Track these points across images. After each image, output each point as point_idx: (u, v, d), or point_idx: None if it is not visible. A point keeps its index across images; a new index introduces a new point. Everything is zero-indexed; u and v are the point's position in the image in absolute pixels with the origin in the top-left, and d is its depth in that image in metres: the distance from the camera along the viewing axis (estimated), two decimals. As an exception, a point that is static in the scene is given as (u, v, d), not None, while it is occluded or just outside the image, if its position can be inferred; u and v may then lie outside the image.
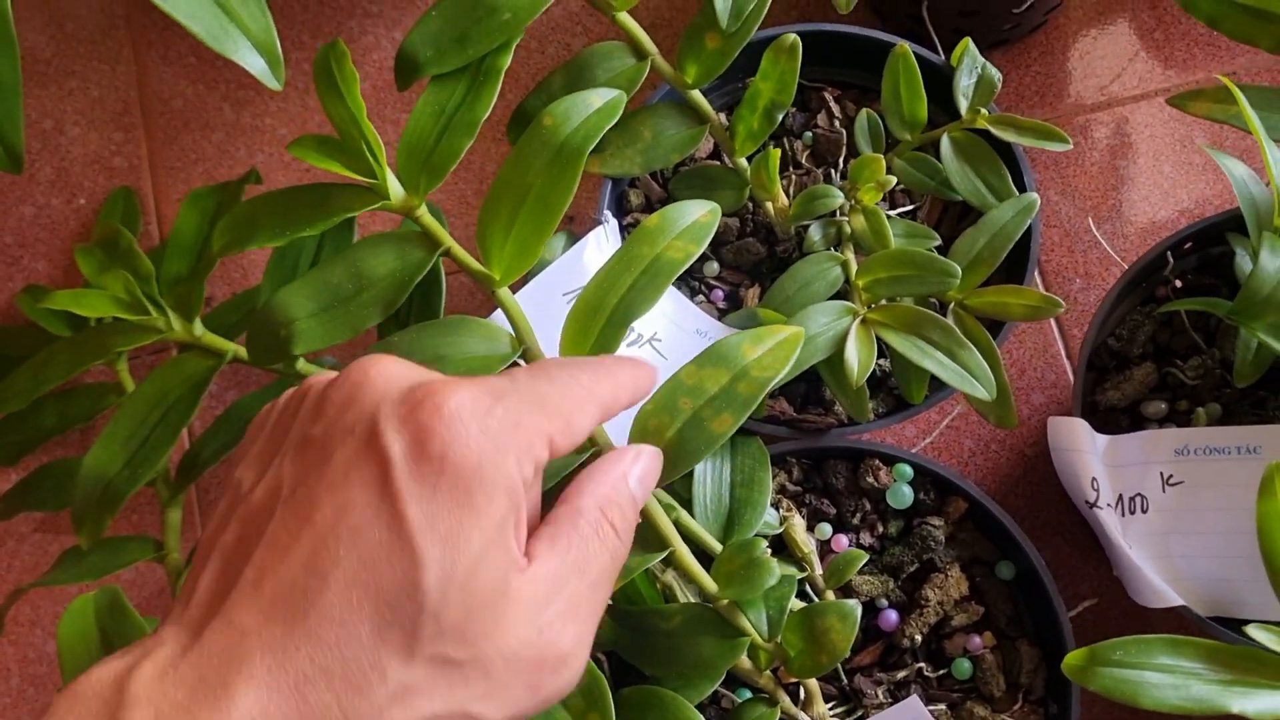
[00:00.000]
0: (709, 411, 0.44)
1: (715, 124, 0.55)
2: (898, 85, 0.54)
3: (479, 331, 0.49)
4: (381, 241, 0.50)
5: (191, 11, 0.45)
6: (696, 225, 0.46)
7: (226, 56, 0.45)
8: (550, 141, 0.47)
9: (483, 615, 0.32)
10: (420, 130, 0.49)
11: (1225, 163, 0.51)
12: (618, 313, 0.45)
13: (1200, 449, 0.51)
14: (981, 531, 0.53)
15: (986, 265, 0.51)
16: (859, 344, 0.50)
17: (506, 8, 0.52)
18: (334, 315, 0.49)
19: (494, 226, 0.48)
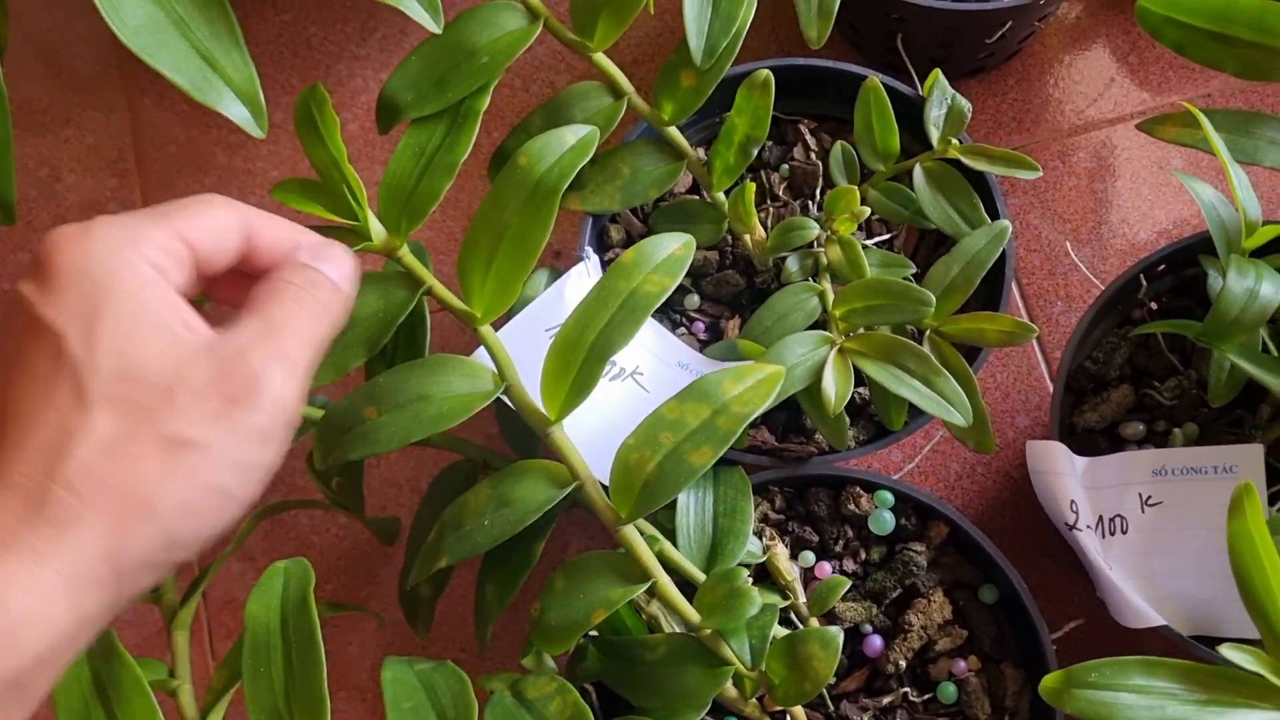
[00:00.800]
0: (689, 445, 0.45)
1: (693, 159, 0.56)
2: (870, 118, 0.55)
3: (461, 370, 0.49)
4: (364, 282, 0.50)
5: (176, 65, 0.47)
6: (672, 259, 0.47)
7: (210, 107, 0.47)
8: (525, 180, 0.48)
9: (143, 353, 0.36)
10: (400, 172, 0.50)
11: (1194, 186, 0.51)
12: (596, 347, 0.46)
13: (1178, 469, 0.51)
14: (964, 555, 0.53)
15: (961, 292, 0.52)
16: (836, 373, 0.51)
17: (484, 52, 0.53)
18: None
19: (473, 264, 0.49)
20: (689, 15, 0.53)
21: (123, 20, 0.46)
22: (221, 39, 0.48)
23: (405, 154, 0.51)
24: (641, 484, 0.46)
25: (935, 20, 0.61)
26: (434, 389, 0.49)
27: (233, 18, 0.48)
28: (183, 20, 0.47)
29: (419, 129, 0.51)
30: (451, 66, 0.52)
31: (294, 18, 0.76)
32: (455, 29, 0.54)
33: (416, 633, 0.59)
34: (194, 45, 0.47)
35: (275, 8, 0.76)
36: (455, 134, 0.51)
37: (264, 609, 0.48)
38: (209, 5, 0.48)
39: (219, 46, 0.48)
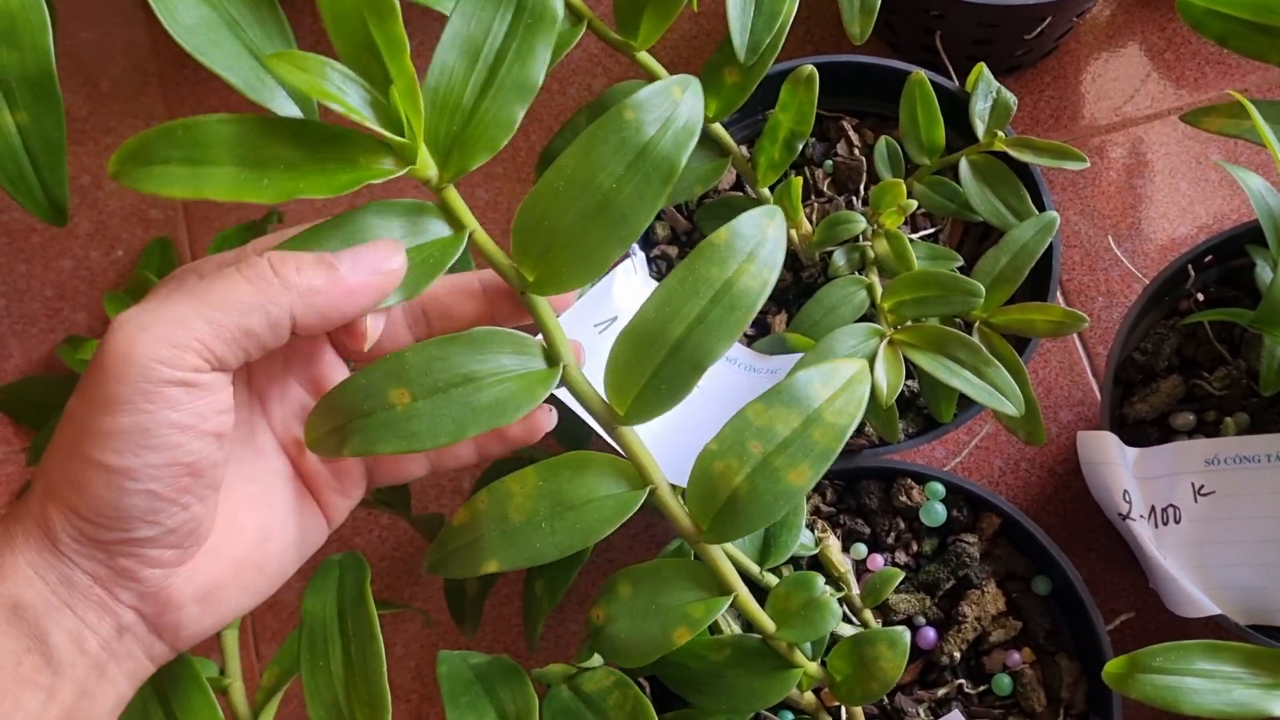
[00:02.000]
0: (783, 460, 0.40)
1: (737, 156, 0.56)
2: (915, 112, 0.55)
3: (510, 344, 0.42)
4: (389, 210, 0.41)
5: (229, 64, 0.46)
6: (770, 242, 0.42)
7: (263, 105, 0.47)
8: (633, 140, 0.40)
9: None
10: (452, 76, 0.41)
11: (1242, 176, 0.51)
12: (686, 348, 0.41)
13: (1230, 458, 0.51)
14: (1016, 547, 0.53)
15: (1009, 284, 0.52)
16: (887, 365, 0.51)
17: None
18: None
19: (539, 229, 0.41)
20: (732, 12, 0.54)
21: (176, 20, 0.46)
22: (273, 39, 0.48)
23: (453, 49, 0.41)
24: (728, 498, 0.42)
25: (974, 16, 0.62)
26: (480, 371, 0.41)
27: (283, 19, 0.48)
28: (235, 21, 0.47)
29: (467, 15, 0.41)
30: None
31: (331, 24, 0.76)
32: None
33: (463, 631, 0.59)
34: (246, 45, 0.47)
35: (314, 15, 0.76)
36: (530, 36, 0.41)
37: (320, 604, 0.48)
38: (260, 5, 0.48)
39: (270, 46, 0.48)
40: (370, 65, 0.39)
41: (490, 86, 0.41)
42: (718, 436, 0.42)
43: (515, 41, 0.42)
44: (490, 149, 0.41)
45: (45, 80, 0.48)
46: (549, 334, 0.42)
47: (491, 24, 0.41)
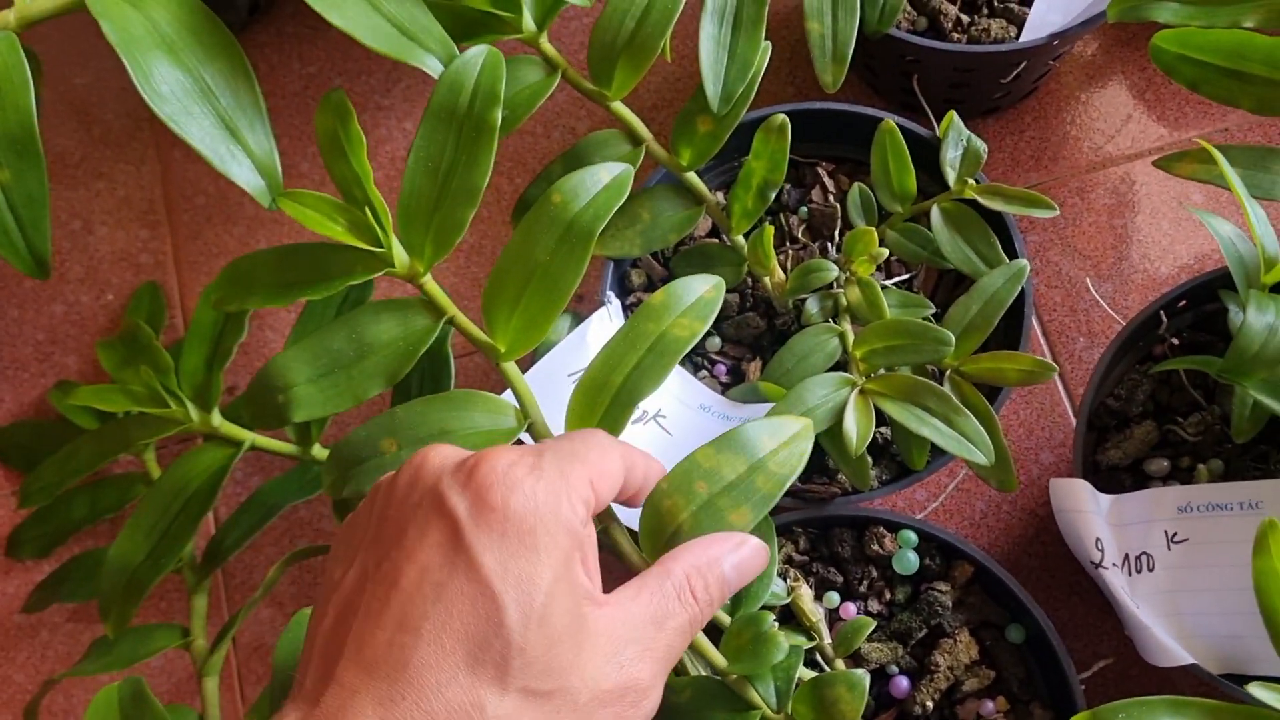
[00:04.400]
0: (726, 501, 0.44)
1: (711, 204, 0.57)
2: (886, 160, 0.55)
3: (484, 406, 0.49)
4: (384, 308, 0.51)
5: (201, 135, 0.48)
6: (701, 302, 0.47)
7: (229, 178, 0.48)
8: (559, 219, 0.48)
9: (563, 647, 0.35)
10: (417, 192, 0.49)
11: (1211, 223, 0.52)
12: (623, 392, 0.46)
13: (1203, 506, 0.51)
14: (989, 595, 0.53)
15: (980, 332, 0.52)
16: (857, 414, 0.51)
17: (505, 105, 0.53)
18: (334, 382, 0.50)
19: (500, 300, 0.49)
20: (705, 62, 0.54)
21: (153, 88, 0.47)
22: (245, 109, 0.49)
23: (417, 171, 0.49)
24: (672, 532, 0.44)
25: (949, 62, 0.62)
26: (457, 424, 0.49)
27: (257, 88, 0.49)
28: (210, 89, 0.48)
29: (426, 141, 0.49)
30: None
31: (320, 70, 0.77)
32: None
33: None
34: (219, 114, 0.48)
35: (301, 60, 0.77)
36: (472, 150, 0.48)
37: (291, 654, 0.49)
38: (235, 74, 0.49)
39: (243, 117, 0.49)
40: (354, 190, 0.49)
41: (445, 195, 0.49)
42: (668, 475, 0.45)
43: (463, 155, 0.49)
44: (447, 246, 0.48)
45: (27, 138, 0.48)
46: (521, 397, 0.50)
47: (445, 142, 0.49)
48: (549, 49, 0.55)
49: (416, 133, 0.50)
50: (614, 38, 0.54)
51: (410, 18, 0.51)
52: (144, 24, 0.49)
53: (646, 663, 0.37)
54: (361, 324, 0.51)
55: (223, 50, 0.50)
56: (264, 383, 0.51)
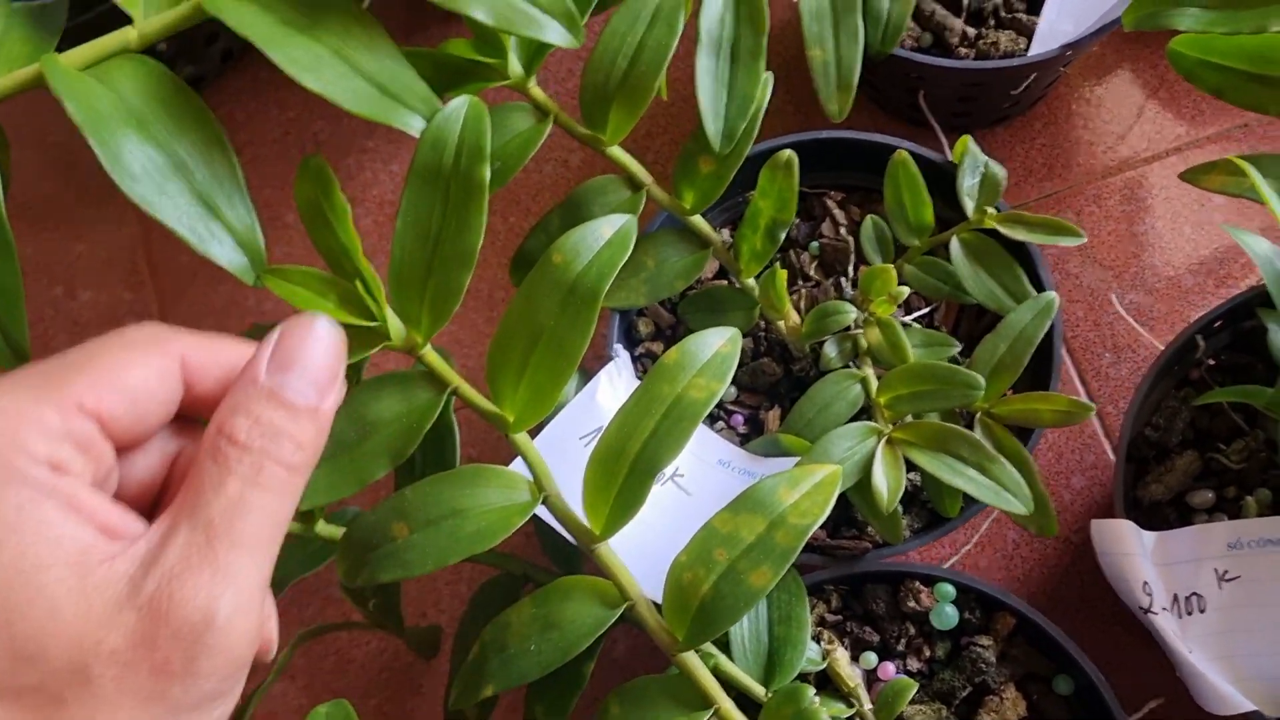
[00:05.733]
0: (745, 563, 0.42)
1: (718, 246, 0.54)
2: (900, 192, 0.52)
3: (496, 481, 0.46)
4: (384, 384, 0.47)
5: (178, 214, 0.45)
6: (718, 358, 0.44)
7: (210, 258, 0.45)
8: (561, 280, 0.45)
9: (44, 623, 0.27)
10: (407, 260, 0.46)
11: (1246, 241, 0.49)
12: (641, 461, 0.44)
13: (1254, 541, 0.49)
14: (1034, 645, 0.51)
15: (1011, 372, 0.49)
16: (887, 467, 0.48)
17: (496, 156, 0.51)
18: (338, 465, 0.47)
19: (505, 369, 0.46)
20: (703, 99, 0.51)
21: (124, 168, 0.44)
22: (223, 183, 0.46)
23: (407, 235, 0.46)
24: (698, 606, 0.43)
25: (956, 78, 0.59)
26: (468, 503, 0.46)
27: (233, 159, 0.46)
28: (184, 164, 0.45)
29: (413, 203, 0.45)
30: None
31: (299, 114, 0.74)
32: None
33: (468, 752, 0.57)
34: (195, 191, 0.45)
35: (279, 105, 0.74)
36: (462, 211, 0.45)
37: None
38: (210, 146, 0.46)
39: (220, 191, 0.46)
40: (342, 261, 0.45)
41: (438, 260, 0.46)
42: (686, 548, 0.44)
43: (453, 217, 0.45)
44: (445, 315, 0.45)
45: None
46: (534, 468, 0.46)
47: (434, 203, 0.45)
48: (538, 94, 0.53)
49: (402, 194, 0.47)
50: (606, 79, 0.51)
51: (391, 76, 0.48)
52: (111, 99, 0.46)
53: (195, 577, 0.28)
54: (361, 403, 0.47)
55: (195, 121, 0.47)
56: None
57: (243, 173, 0.45)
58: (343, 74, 0.47)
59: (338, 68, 0.47)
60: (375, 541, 0.46)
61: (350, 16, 0.48)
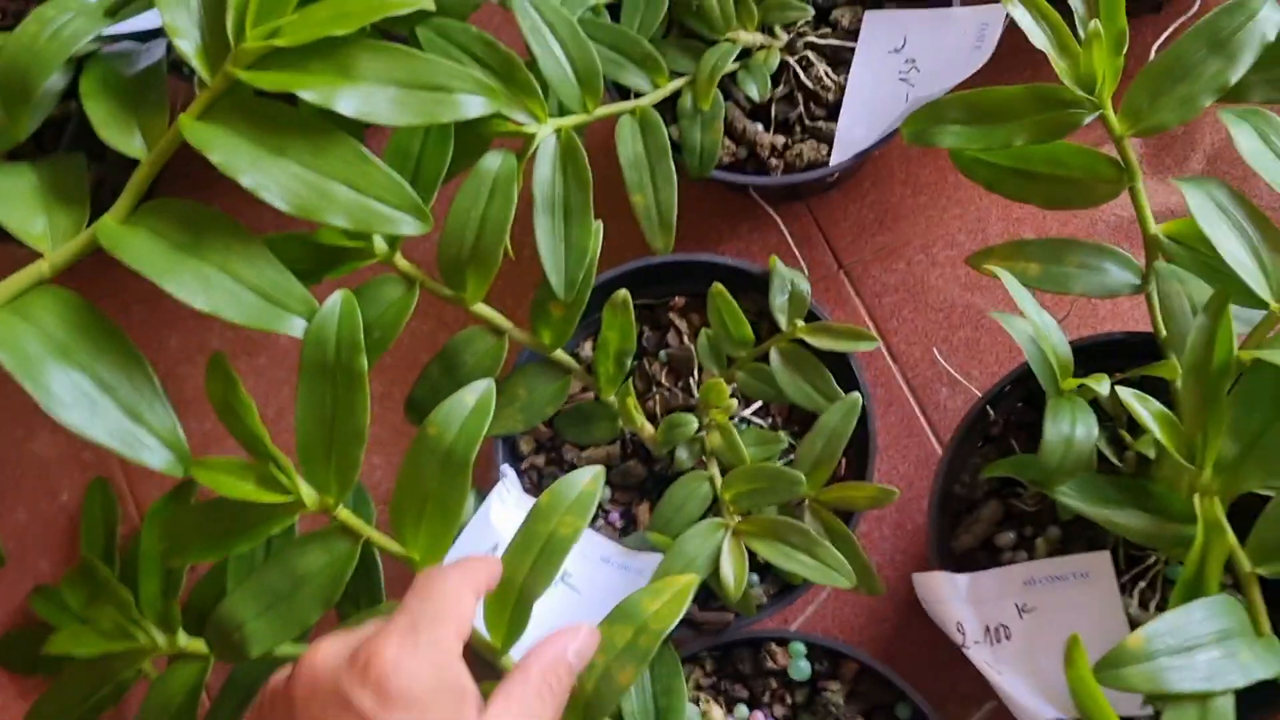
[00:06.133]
0: (617, 665, 0.52)
1: (578, 372, 0.63)
2: (721, 317, 0.61)
3: None
4: (309, 541, 0.57)
5: (109, 431, 0.53)
6: (582, 497, 0.54)
7: (140, 463, 0.53)
8: (437, 449, 0.54)
9: None
10: (311, 437, 0.55)
11: (1012, 327, 0.57)
12: (524, 591, 0.54)
13: (1044, 579, 0.58)
14: (876, 681, 0.61)
15: (827, 465, 0.59)
16: (732, 558, 0.58)
17: (375, 327, 0.60)
18: (278, 614, 0.56)
19: (404, 523, 0.55)
20: (545, 255, 0.60)
21: (55, 398, 0.52)
22: (143, 392, 0.54)
23: (306, 419, 0.55)
24: (584, 704, 0.52)
25: (770, 192, 0.67)
26: None
27: (150, 371, 0.54)
28: (108, 384, 0.53)
29: (308, 393, 0.55)
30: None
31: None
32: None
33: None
34: (120, 404, 0.53)
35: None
36: (349, 397, 0.54)
37: None
38: (128, 363, 0.54)
39: (142, 401, 0.54)
40: (256, 445, 0.54)
41: (336, 439, 0.54)
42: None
43: (343, 402, 0.54)
44: (349, 484, 0.55)
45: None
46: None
47: (325, 391, 0.54)
48: (404, 265, 0.61)
49: (298, 385, 0.55)
50: (459, 251, 0.60)
51: (272, 284, 0.55)
52: (35, 335, 0.54)
53: None
54: (291, 559, 0.56)
55: (111, 341, 0.55)
56: (219, 626, 0.57)
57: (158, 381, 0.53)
58: (229, 290, 0.55)
59: (224, 284, 0.55)
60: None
61: (230, 232, 0.55)
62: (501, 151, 0.60)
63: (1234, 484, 0.51)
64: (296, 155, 0.54)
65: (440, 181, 0.59)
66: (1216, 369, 0.51)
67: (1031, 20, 0.56)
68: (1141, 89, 0.57)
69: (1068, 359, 0.56)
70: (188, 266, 0.54)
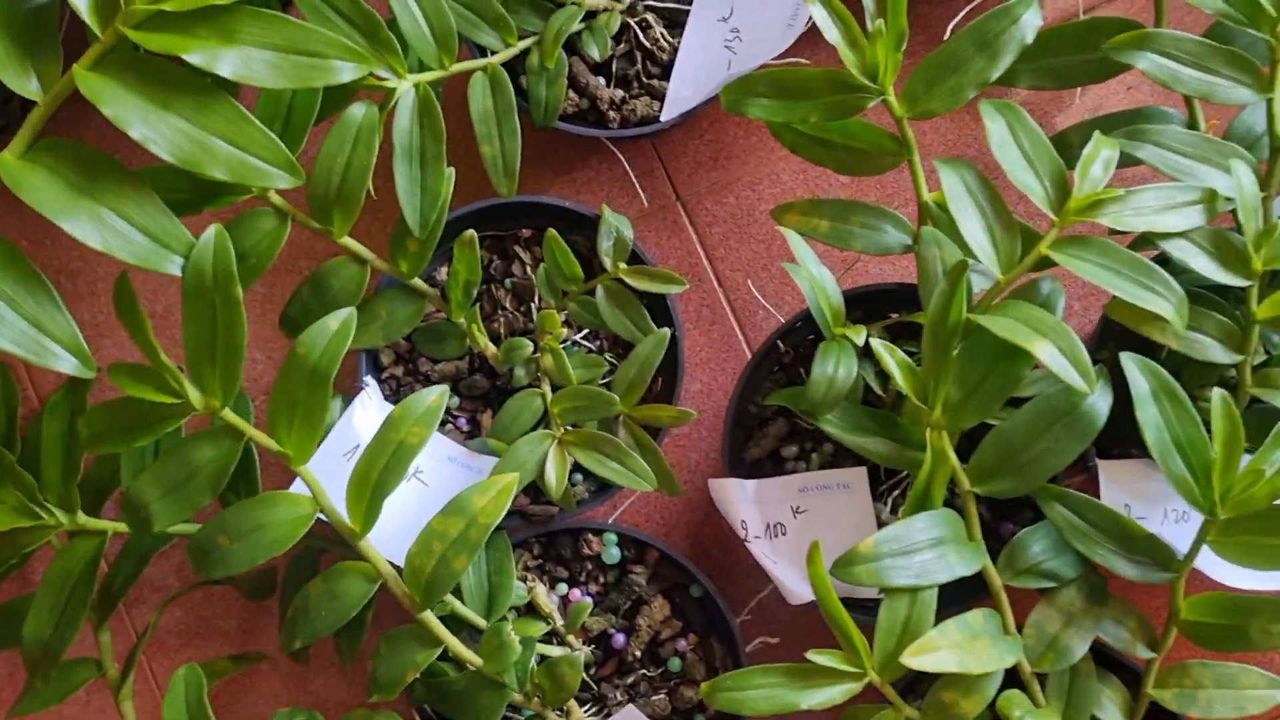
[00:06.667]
0: (452, 552, 0.63)
1: (432, 296, 0.72)
2: (555, 257, 0.70)
3: (285, 502, 0.65)
4: (200, 438, 0.65)
5: (15, 339, 0.61)
6: (428, 411, 0.64)
7: (49, 368, 0.62)
8: (304, 366, 0.63)
9: None
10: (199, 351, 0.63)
11: (798, 275, 0.68)
12: (379, 486, 0.64)
13: (815, 487, 0.70)
14: (674, 566, 0.73)
15: (639, 388, 0.69)
16: (555, 464, 0.69)
17: (251, 254, 0.68)
18: (176, 497, 0.66)
19: (279, 426, 0.65)
20: (402, 198, 0.68)
21: (-39, 312, 0.60)
22: (44, 306, 0.62)
23: (192, 337, 0.63)
24: (425, 582, 0.64)
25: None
26: (268, 519, 0.65)
27: (49, 285, 0.61)
28: (11, 298, 0.61)
29: (191, 314, 0.63)
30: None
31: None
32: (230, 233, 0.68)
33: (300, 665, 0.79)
34: (25, 316, 0.61)
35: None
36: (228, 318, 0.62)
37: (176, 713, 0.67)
38: (29, 279, 0.62)
39: (44, 312, 0.62)
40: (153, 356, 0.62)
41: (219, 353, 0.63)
42: (417, 540, 0.64)
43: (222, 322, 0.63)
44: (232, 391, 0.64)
45: None
46: (312, 488, 0.66)
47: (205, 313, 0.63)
48: (278, 200, 0.69)
49: (182, 308, 0.64)
50: (325, 192, 0.68)
51: (159, 226, 0.63)
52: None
53: None
54: (186, 452, 0.65)
55: (12, 263, 0.62)
56: (130, 504, 0.66)
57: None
58: (121, 232, 0.62)
59: (116, 225, 0.62)
60: (208, 549, 0.65)
61: (121, 176, 0.63)
62: (365, 103, 0.67)
63: (957, 421, 0.63)
64: (181, 111, 0.61)
65: (309, 128, 0.67)
66: (950, 328, 0.62)
67: (827, 16, 0.64)
68: (919, 78, 0.66)
69: (839, 308, 0.67)
70: (83, 207, 0.61)
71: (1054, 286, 0.64)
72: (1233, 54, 0.65)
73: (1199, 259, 0.62)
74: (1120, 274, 0.60)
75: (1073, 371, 0.58)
